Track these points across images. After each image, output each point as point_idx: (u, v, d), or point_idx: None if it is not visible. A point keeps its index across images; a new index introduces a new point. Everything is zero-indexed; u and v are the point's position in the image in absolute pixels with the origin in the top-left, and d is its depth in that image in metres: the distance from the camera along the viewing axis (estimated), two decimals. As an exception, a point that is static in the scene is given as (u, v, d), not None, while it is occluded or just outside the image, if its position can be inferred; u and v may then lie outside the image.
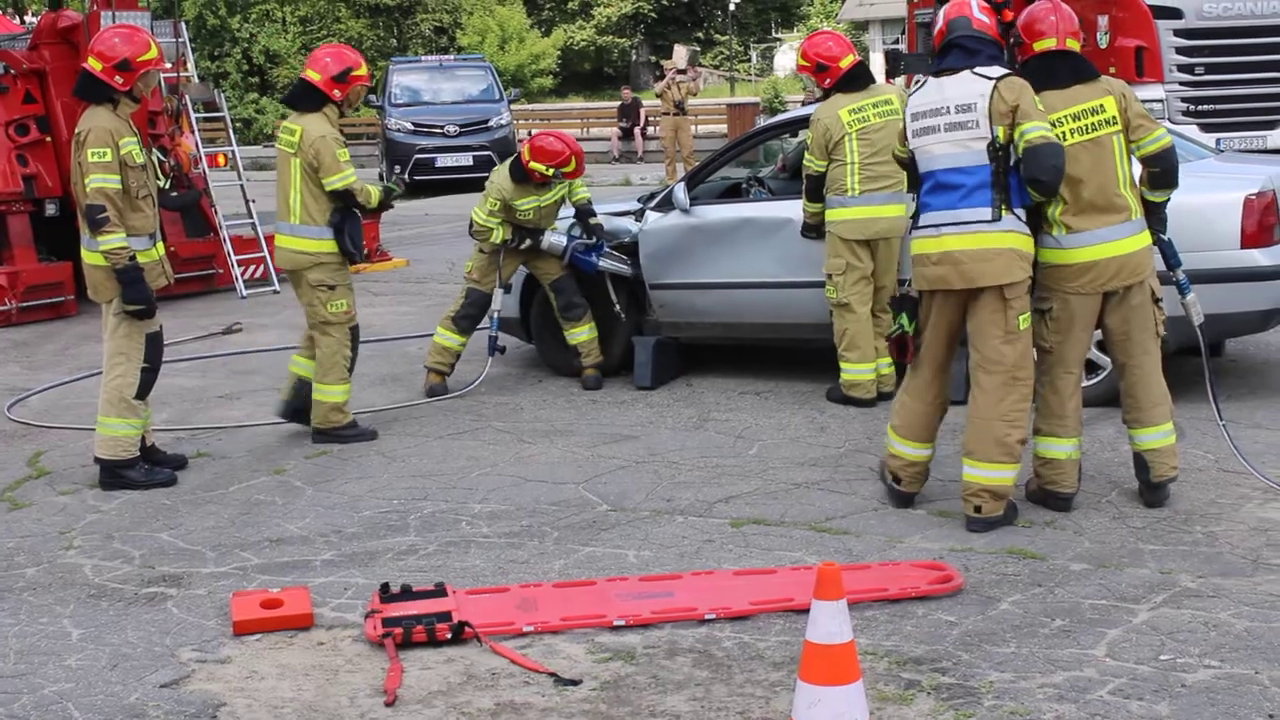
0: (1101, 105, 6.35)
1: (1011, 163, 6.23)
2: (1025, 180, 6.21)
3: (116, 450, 7.44)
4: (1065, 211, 6.32)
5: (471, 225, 9.42)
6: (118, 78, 7.35)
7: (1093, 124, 6.33)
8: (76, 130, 7.39)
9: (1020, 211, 6.27)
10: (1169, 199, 6.53)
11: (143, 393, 7.50)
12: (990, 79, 6.26)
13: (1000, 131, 6.19)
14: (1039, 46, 6.45)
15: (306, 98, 8.15)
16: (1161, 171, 6.42)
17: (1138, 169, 6.48)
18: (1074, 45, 6.47)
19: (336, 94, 8.10)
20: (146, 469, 7.54)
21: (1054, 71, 6.41)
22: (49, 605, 5.80)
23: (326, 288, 8.13)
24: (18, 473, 7.91)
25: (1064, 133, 6.29)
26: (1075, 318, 6.39)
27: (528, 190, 9.29)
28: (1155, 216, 6.51)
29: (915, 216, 6.51)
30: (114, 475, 7.46)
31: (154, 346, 7.55)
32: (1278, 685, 4.62)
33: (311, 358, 8.35)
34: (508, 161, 9.48)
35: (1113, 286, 6.36)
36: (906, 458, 6.65)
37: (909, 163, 6.53)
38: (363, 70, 8.23)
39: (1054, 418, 6.49)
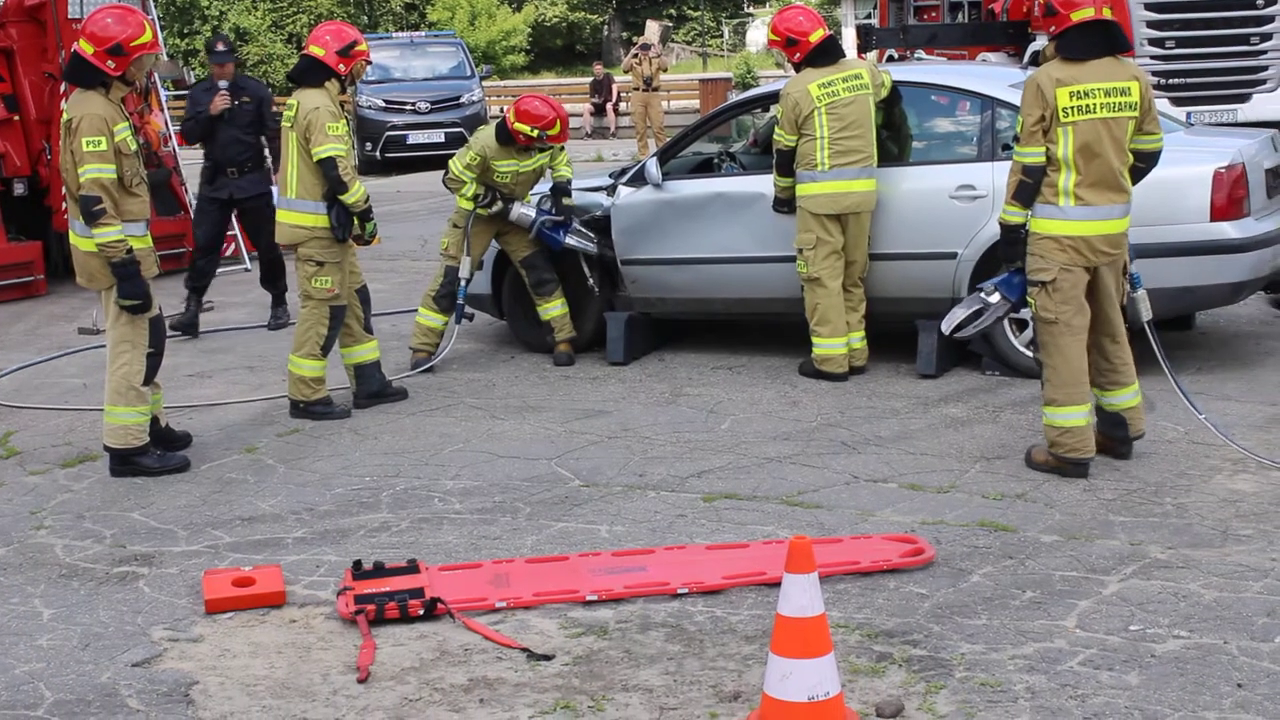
0: (1129, 88, 6.47)
1: None
2: None
3: (127, 439, 7.23)
4: (1079, 184, 6.42)
5: (446, 173, 9.39)
6: (110, 62, 6.99)
7: (1119, 104, 6.45)
8: (67, 116, 7.08)
9: None
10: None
11: (149, 378, 7.31)
12: None
13: None
14: (1076, 16, 6.48)
15: (311, 73, 8.17)
16: (1146, 169, 6.69)
17: None
18: (1108, 14, 6.55)
19: (342, 68, 8.16)
20: (159, 455, 7.36)
21: (1093, 41, 6.48)
22: (20, 585, 5.78)
23: (315, 263, 8.10)
24: (-13, 453, 7.87)
25: (1095, 105, 6.40)
26: (1077, 287, 6.51)
27: (510, 153, 9.27)
28: None
29: None
30: (125, 462, 7.26)
31: (156, 331, 7.34)
32: (1246, 655, 4.67)
33: (353, 344, 8.44)
34: (494, 122, 9.45)
35: (1102, 262, 6.51)
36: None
37: None
38: (364, 45, 8.33)
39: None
